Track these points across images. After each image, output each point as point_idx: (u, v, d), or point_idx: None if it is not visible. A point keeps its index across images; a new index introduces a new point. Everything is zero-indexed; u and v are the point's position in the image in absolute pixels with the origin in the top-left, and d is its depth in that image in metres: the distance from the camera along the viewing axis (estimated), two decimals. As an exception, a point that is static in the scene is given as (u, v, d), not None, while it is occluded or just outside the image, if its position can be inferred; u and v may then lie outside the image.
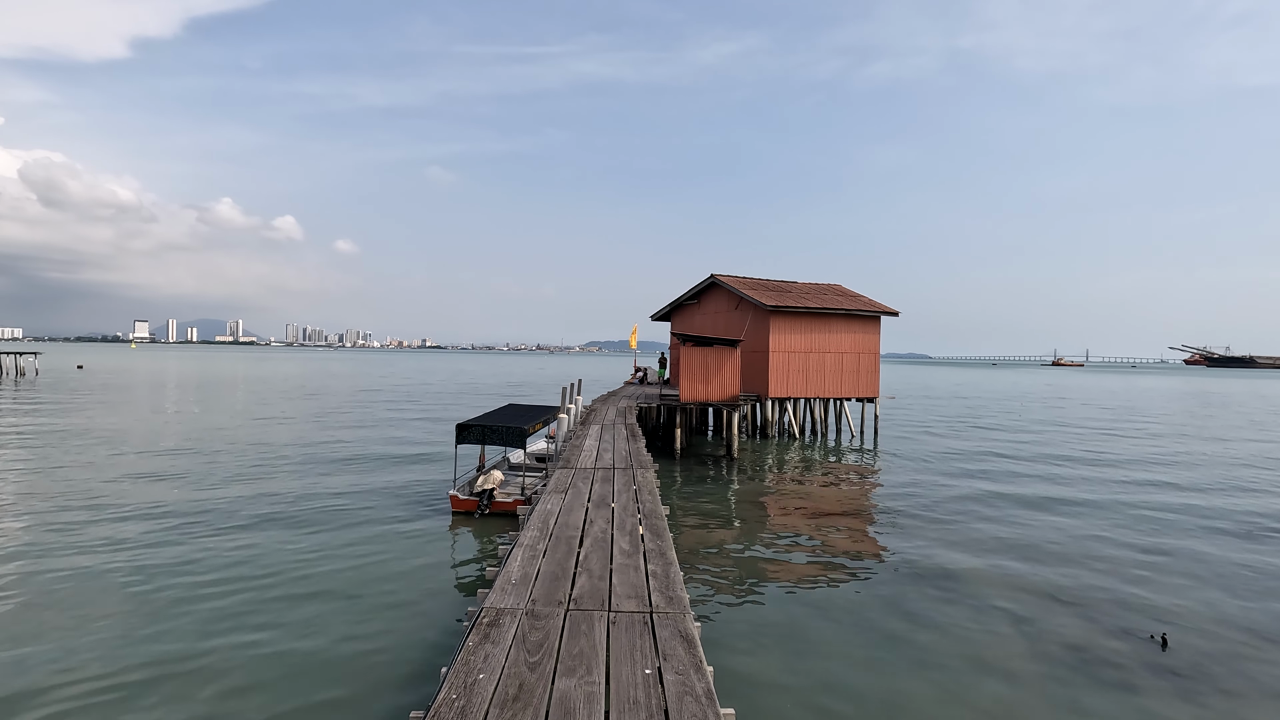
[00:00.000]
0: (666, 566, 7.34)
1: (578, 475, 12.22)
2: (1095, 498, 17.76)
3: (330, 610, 9.21)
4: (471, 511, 14.14)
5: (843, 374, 29.33)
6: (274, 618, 8.92)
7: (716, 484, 18.66)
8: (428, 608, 9.33)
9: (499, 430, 14.22)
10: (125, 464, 19.59)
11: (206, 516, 13.90)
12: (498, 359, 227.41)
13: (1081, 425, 37.67)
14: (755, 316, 28.54)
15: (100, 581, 10.15)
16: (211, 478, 17.82)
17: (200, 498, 15.52)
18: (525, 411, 16.78)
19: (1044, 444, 28.92)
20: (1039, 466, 22.75)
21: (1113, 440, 30.79)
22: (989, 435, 31.79)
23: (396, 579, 10.48)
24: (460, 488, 14.85)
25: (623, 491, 10.87)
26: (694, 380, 23.00)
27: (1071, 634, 8.97)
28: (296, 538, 12.50)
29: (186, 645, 8.06)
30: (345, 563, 11.21)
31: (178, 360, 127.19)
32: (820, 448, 26.43)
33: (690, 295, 33.50)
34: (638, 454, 14.34)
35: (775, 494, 17.62)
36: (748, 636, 8.58)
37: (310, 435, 26.77)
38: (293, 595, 9.75)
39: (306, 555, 11.56)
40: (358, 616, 9.01)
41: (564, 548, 7.97)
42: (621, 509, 9.69)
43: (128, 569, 10.68)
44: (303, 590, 9.95)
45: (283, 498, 15.61)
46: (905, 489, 18.48)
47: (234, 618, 8.89)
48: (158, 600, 9.46)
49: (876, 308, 30.25)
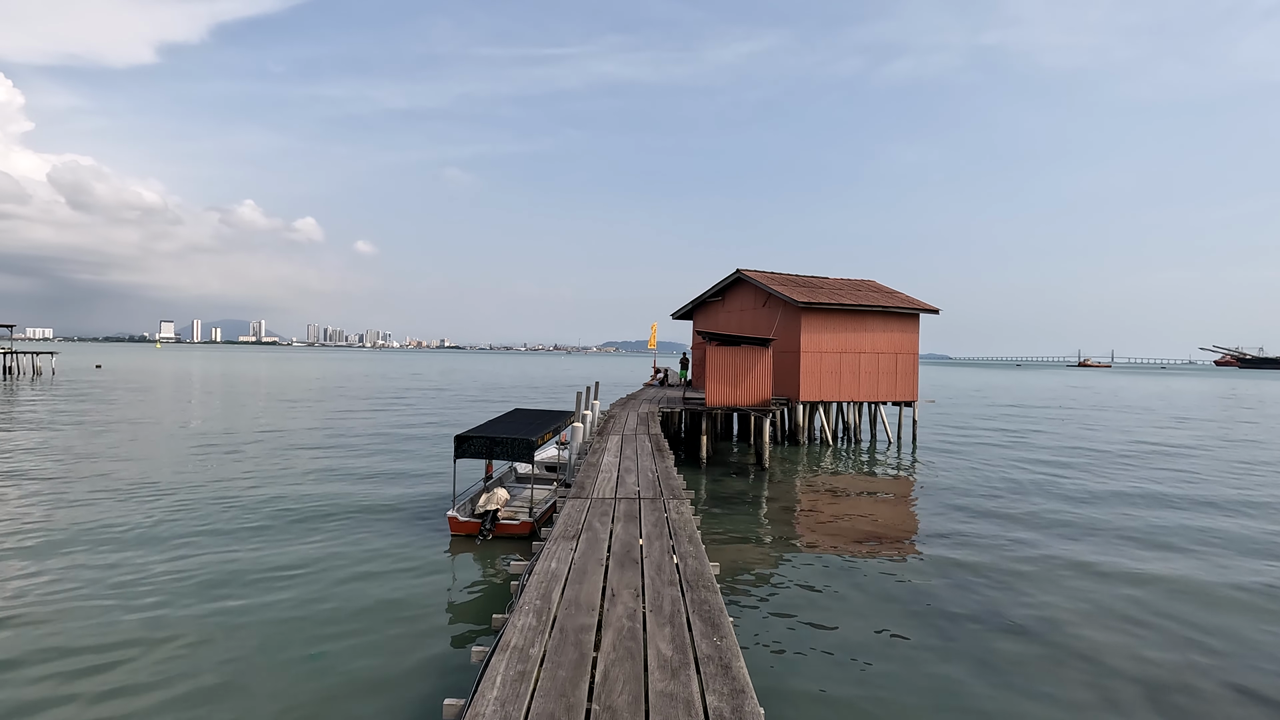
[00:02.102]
0: (736, 695, 4.59)
1: (593, 510, 9.67)
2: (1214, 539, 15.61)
3: (276, 664, 7.51)
4: (473, 535, 12.40)
5: (879, 376, 27.28)
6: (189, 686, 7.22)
7: (747, 500, 16.78)
8: (402, 670, 7.58)
9: (503, 442, 12.46)
10: (86, 485, 18.10)
11: (143, 553, 12.29)
12: (516, 359, 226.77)
13: (1152, 434, 35.15)
14: (785, 314, 26.58)
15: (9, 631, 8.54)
16: (172, 501, 16.25)
17: (143, 525, 13.93)
18: (533, 419, 15.00)
19: (1116, 461, 26.62)
20: (1115, 484, 20.53)
21: (1194, 457, 28.31)
22: (1036, 441, 29.49)
23: (371, 622, 8.75)
24: (460, 507, 13.11)
25: (654, 539, 8.17)
26: (721, 383, 21.13)
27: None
28: (268, 558, 10.85)
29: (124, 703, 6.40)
30: (315, 600, 9.51)
31: (198, 361, 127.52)
32: (856, 456, 24.42)
33: (714, 292, 31.60)
34: (667, 476, 12.06)
35: (813, 512, 15.69)
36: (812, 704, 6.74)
37: (312, 441, 25.26)
38: (227, 659, 8.04)
39: (269, 587, 9.89)
40: (305, 680, 7.28)
41: (571, 652, 5.19)
42: (654, 570, 7.01)
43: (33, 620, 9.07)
44: (235, 648, 8.25)
45: (262, 513, 14.01)
46: (955, 510, 16.44)
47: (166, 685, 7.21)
48: (79, 659, 7.81)
49: (915, 305, 28.15)
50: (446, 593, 9.98)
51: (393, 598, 9.64)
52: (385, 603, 9.45)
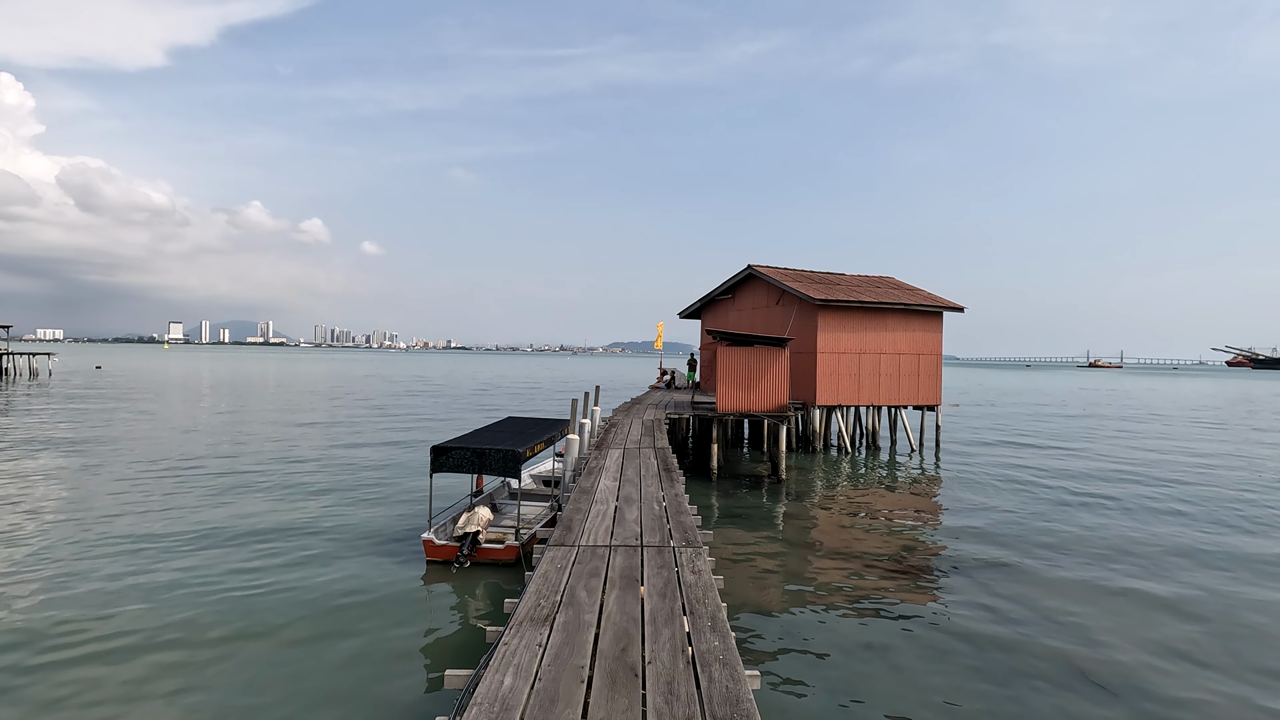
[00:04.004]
0: None
1: (580, 566, 7.03)
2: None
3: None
4: (451, 561, 10.80)
5: (900, 378, 25.54)
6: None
7: (764, 518, 15.10)
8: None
9: (486, 455, 10.85)
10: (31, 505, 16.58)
11: (72, 584, 10.72)
12: (521, 360, 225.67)
13: (1205, 445, 33.28)
14: (800, 312, 24.90)
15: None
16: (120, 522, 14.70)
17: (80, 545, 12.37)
18: (524, 429, 13.38)
19: (1174, 472, 24.81)
20: (1180, 500, 18.78)
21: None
22: (1073, 447, 27.68)
23: (307, 687, 7.14)
24: (439, 528, 11.49)
25: (662, 624, 5.53)
26: (733, 386, 19.46)
27: None
28: (220, 582, 9.27)
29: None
30: (266, 636, 7.91)
31: (204, 361, 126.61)
32: (878, 465, 22.71)
33: (723, 289, 29.93)
34: (677, 510, 9.46)
35: (838, 532, 14.02)
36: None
37: (298, 449, 23.73)
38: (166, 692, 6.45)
39: (220, 618, 8.30)
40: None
41: None
42: (664, 694, 4.42)
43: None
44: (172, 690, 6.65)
45: (227, 531, 12.44)
46: (992, 526, 14.73)
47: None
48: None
49: (938, 302, 26.41)
50: (411, 639, 8.36)
51: (342, 647, 8.02)
52: (331, 653, 7.84)
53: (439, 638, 8.44)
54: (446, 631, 8.63)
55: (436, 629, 8.73)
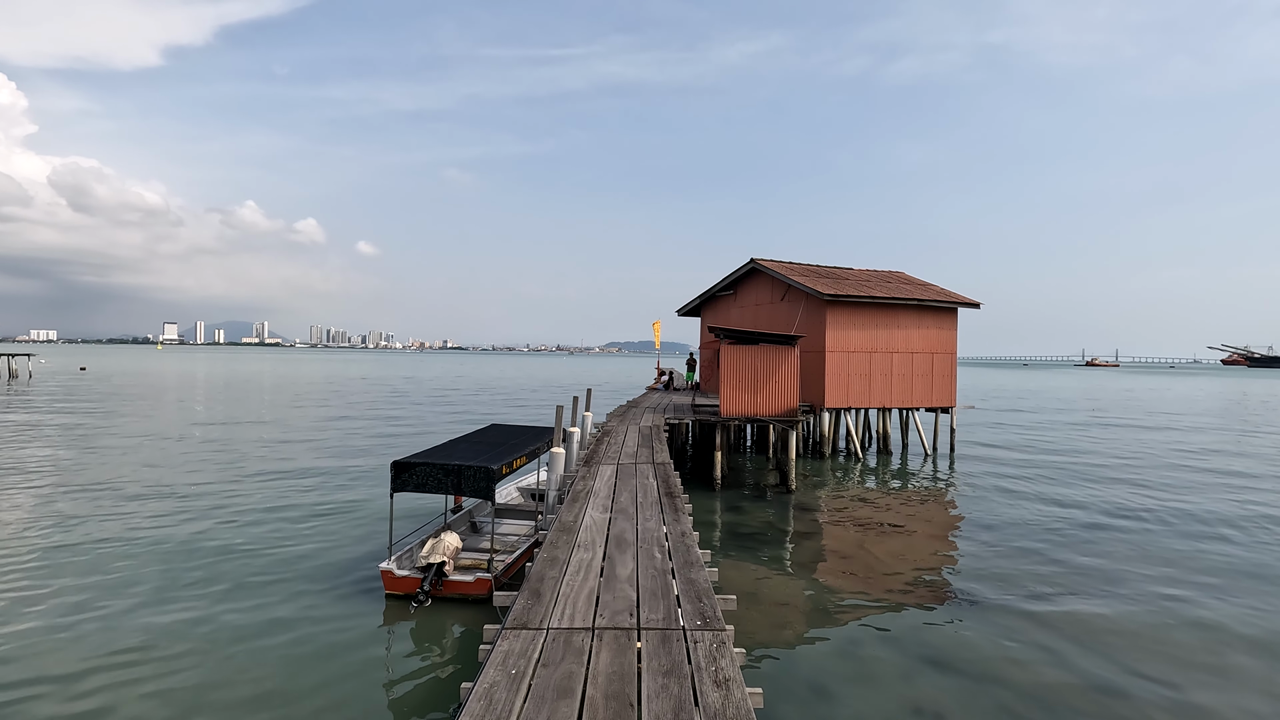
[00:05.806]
0: None
1: (541, 678, 4.64)
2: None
3: None
4: (413, 594, 9.19)
5: (913, 378, 23.98)
6: None
7: (775, 536, 13.52)
8: None
9: (455, 471, 9.23)
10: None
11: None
12: (518, 360, 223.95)
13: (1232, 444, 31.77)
14: (807, 309, 23.33)
15: None
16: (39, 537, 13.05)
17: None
18: (506, 439, 11.72)
19: (1195, 473, 23.29)
20: (1204, 503, 17.24)
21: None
22: (1090, 447, 26.15)
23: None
24: (401, 556, 9.88)
25: None
26: (738, 388, 17.87)
27: None
28: (148, 621, 7.67)
29: None
30: (186, 689, 6.31)
31: (193, 363, 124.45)
32: (891, 471, 21.14)
33: (725, 285, 28.35)
34: (685, 561, 7.01)
35: (853, 549, 12.43)
36: None
37: (265, 462, 22.10)
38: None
39: (145, 657, 6.69)
40: None
41: None
42: None
43: None
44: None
45: (171, 555, 10.82)
46: (1026, 549, 13.16)
47: None
48: None
49: (953, 298, 24.86)
50: (359, 693, 6.77)
51: (268, 710, 6.42)
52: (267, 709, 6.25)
53: (393, 698, 6.87)
54: (403, 689, 7.06)
55: (395, 680, 7.19)
